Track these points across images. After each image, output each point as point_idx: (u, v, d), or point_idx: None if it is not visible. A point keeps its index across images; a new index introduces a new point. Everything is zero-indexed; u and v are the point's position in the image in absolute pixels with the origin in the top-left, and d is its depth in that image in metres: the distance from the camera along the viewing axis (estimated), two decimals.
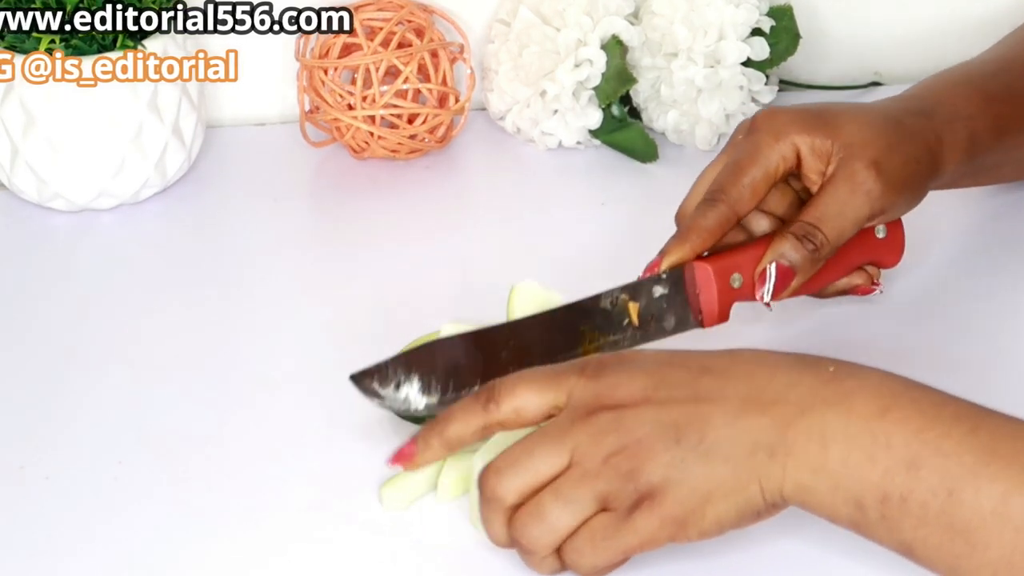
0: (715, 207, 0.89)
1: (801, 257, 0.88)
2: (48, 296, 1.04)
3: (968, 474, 0.70)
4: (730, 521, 0.75)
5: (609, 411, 0.76)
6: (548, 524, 0.76)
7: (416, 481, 0.85)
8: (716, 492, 0.74)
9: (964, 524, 0.70)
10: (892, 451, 0.71)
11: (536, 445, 0.76)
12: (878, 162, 0.89)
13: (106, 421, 0.92)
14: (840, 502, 0.72)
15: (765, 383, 0.75)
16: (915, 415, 0.72)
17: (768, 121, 0.90)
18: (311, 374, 0.96)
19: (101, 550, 0.83)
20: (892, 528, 0.72)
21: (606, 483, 0.75)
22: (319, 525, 0.84)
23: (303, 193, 1.17)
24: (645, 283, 0.89)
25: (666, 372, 0.77)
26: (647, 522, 0.74)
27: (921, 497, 0.71)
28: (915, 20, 1.25)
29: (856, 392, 0.73)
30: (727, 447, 0.74)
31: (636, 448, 0.74)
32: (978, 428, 0.71)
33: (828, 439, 0.72)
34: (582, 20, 1.13)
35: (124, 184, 1.10)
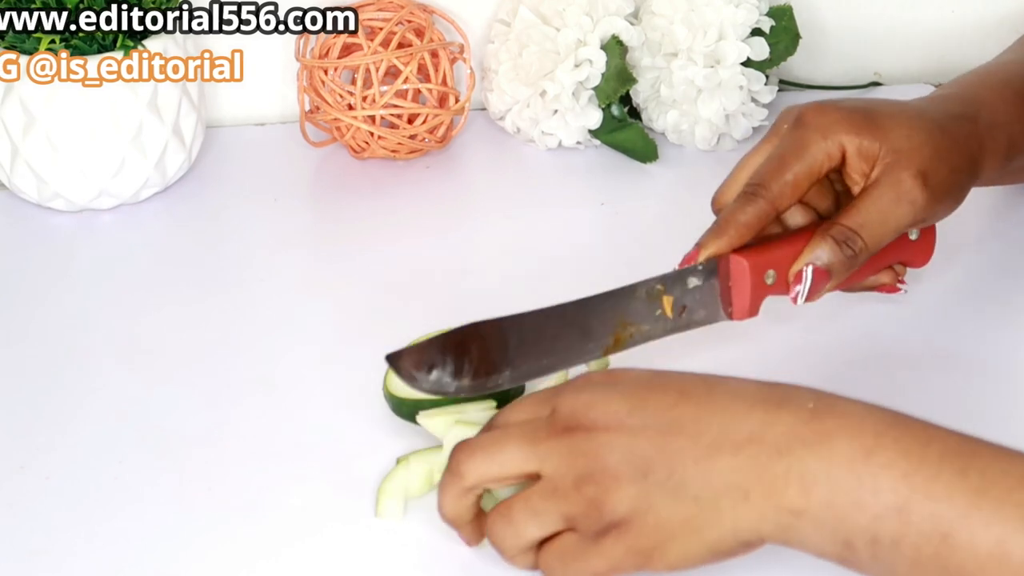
0: (755, 202, 0.87)
1: (838, 261, 0.87)
2: (48, 296, 1.04)
3: (961, 518, 0.68)
4: (698, 557, 0.73)
5: (584, 432, 0.75)
6: (515, 530, 0.76)
7: (410, 485, 0.85)
8: (682, 529, 0.73)
9: (959, 567, 0.68)
10: (879, 496, 0.69)
11: (510, 442, 0.77)
12: (924, 172, 0.87)
13: (106, 421, 0.92)
14: (827, 543, 0.71)
15: (741, 419, 0.73)
16: (900, 458, 0.70)
17: (817, 117, 0.89)
18: (311, 374, 0.96)
19: (101, 550, 0.83)
20: (885, 568, 0.70)
21: (574, 506, 0.75)
22: (319, 525, 0.84)
23: (303, 193, 1.17)
24: (681, 274, 0.87)
25: (644, 396, 0.75)
26: (613, 550, 0.74)
27: (914, 541, 0.69)
28: (915, 20, 1.25)
29: (836, 433, 0.71)
30: (696, 486, 0.72)
31: (603, 476, 0.74)
32: (967, 468, 0.69)
33: (809, 483, 0.70)
34: (582, 20, 1.14)
35: (124, 184, 1.10)
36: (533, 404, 0.80)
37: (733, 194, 0.90)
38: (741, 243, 0.88)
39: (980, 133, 0.92)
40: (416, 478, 0.85)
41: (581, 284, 1.03)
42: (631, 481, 0.73)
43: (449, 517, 0.80)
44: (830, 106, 0.89)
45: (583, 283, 1.03)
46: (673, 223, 1.10)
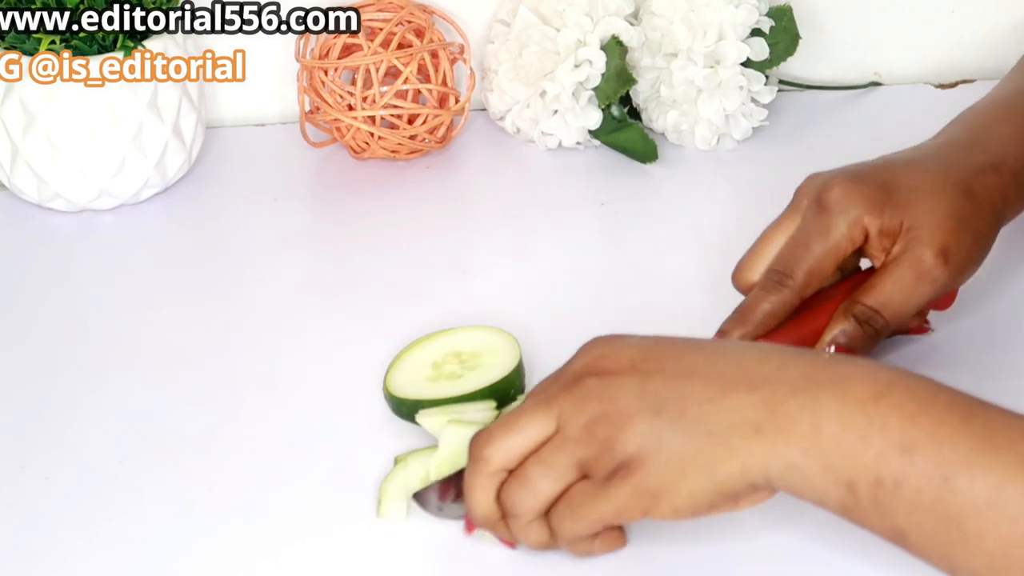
0: (780, 291, 0.88)
1: (860, 339, 0.88)
2: (48, 296, 1.04)
3: (963, 462, 0.69)
4: (705, 499, 0.73)
5: (595, 377, 0.76)
6: (531, 489, 0.76)
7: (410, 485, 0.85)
8: (692, 466, 0.73)
9: (958, 512, 0.69)
10: (886, 434, 0.70)
11: (525, 411, 0.77)
12: (946, 248, 0.87)
13: (106, 421, 0.92)
14: (831, 484, 0.71)
15: (756, 364, 0.74)
16: (910, 401, 0.71)
17: (840, 200, 0.88)
18: (311, 374, 0.96)
19: (101, 550, 0.83)
20: (885, 513, 0.71)
21: (586, 449, 0.75)
22: (319, 525, 0.84)
23: (303, 193, 1.17)
24: None
25: (656, 347, 0.77)
26: (620, 491, 0.74)
27: (915, 482, 0.70)
28: (915, 20, 1.25)
29: (850, 377, 0.72)
30: (709, 422, 0.73)
31: (616, 416, 0.74)
32: (973, 417, 0.71)
33: (821, 419, 0.71)
34: (582, 20, 1.14)
35: (124, 184, 1.10)
36: (547, 378, 0.80)
37: (755, 271, 0.90)
38: (764, 333, 0.88)
39: (1004, 184, 0.91)
40: (415, 477, 0.85)
41: (581, 284, 1.04)
42: (643, 419, 0.74)
43: (482, 514, 0.79)
44: (850, 184, 0.89)
45: (583, 283, 1.04)
46: (673, 223, 1.10)
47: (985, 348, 0.97)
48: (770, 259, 0.90)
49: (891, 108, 1.22)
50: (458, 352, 0.93)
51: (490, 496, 0.78)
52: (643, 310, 1.00)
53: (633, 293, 1.02)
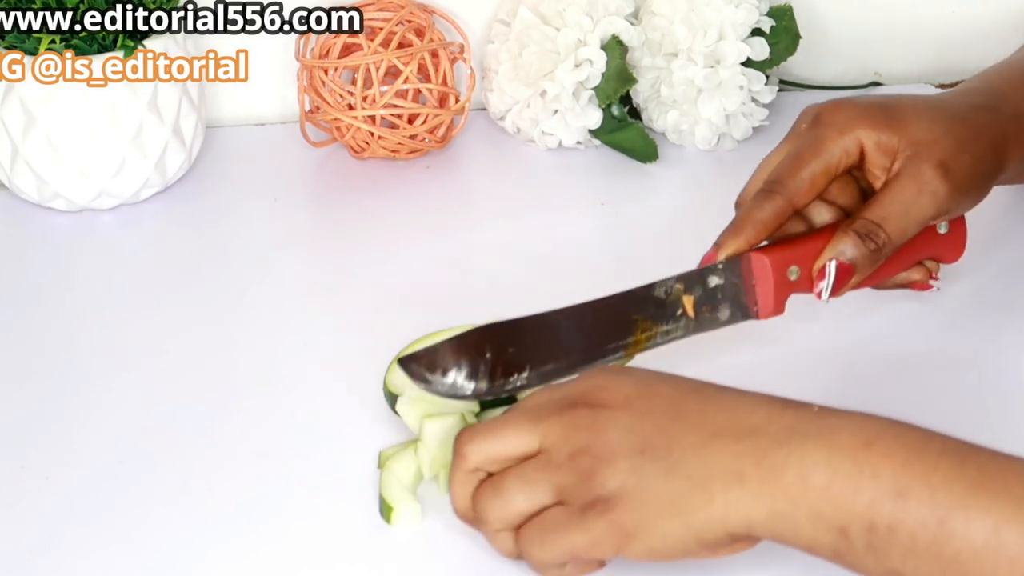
0: (771, 199, 0.88)
1: (862, 255, 0.87)
2: (48, 296, 1.04)
3: (958, 505, 0.69)
4: (681, 544, 0.73)
5: (588, 408, 0.76)
6: (504, 500, 0.76)
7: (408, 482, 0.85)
8: (669, 508, 0.72)
9: (955, 556, 0.69)
10: (878, 481, 0.70)
11: (513, 421, 0.77)
12: (945, 163, 0.87)
13: (106, 421, 0.92)
14: (822, 531, 0.71)
15: (746, 413, 0.74)
16: (900, 449, 0.70)
17: (833, 114, 0.89)
18: (311, 374, 0.96)
19: (101, 550, 0.83)
20: (880, 557, 0.70)
21: (566, 477, 0.75)
22: (319, 525, 0.84)
23: (303, 193, 1.17)
24: (700, 273, 0.87)
25: (655, 385, 0.77)
26: (595, 525, 0.74)
27: (910, 527, 0.69)
28: (915, 20, 1.25)
29: (838, 427, 0.72)
30: (691, 467, 0.72)
31: (600, 449, 0.74)
32: (965, 462, 0.70)
33: (808, 468, 0.71)
34: (582, 20, 1.14)
35: (124, 184, 1.10)
36: (546, 391, 0.80)
37: (753, 193, 0.90)
38: (759, 241, 0.88)
39: (1003, 123, 0.91)
40: (408, 474, 0.85)
41: (581, 284, 1.03)
42: (626, 456, 0.74)
43: (460, 508, 0.79)
44: (847, 103, 0.90)
45: (584, 283, 1.03)
46: (673, 223, 1.10)
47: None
48: None
49: None
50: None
51: (467, 492, 0.78)
52: None
53: None
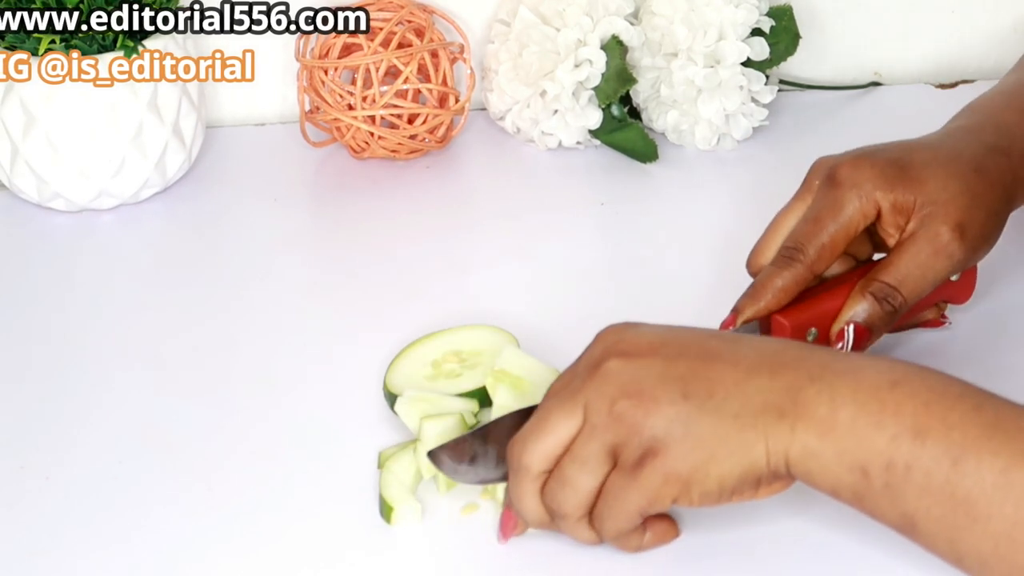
0: (792, 267, 0.88)
1: (879, 318, 0.88)
2: (48, 296, 1.04)
3: (972, 445, 0.71)
4: (732, 483, 0.74)
5: (617, 359, 0.76)
6: (571, 487, 0.76)
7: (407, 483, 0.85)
8: (721, 450, 0.74)
9: (966, 495, 0.70)
10: (899, 418, 0.72)
11: (551, 409, 0.77)
12: (962, 224, 0.87)
13: (106, 421, 0.92)
14: (845, 469, 0.73)
15: (775, 352, 0.76)
16: (923, 390, 0.73)
17: (850, 174, 0.88)
18: (311, 373, 0.96)
19: (101, 550, 0.83)
20: (895, 497, 0.72)
21: (615, 435, 0.75)
22: (318, 524, 0.84)
23: (303, 193, 1.17)
24: None
25: (674, 332, 0.77)
26: (651, 479, 0.74)
27: (926, 465, 0.71)
28: (915, 20, 1.25)
29: (866, 366, 0.74)
30: (736, 404, 0.74)
31: (640, 398, 0.75)
32: (982, 406, 0.72)
33: (837, 403, 0.73)
34: (582, 20, 1.13)
35: (124, 184, 1.10)
36: (566, 370, 0.80)
37: (768, 255, 0.90)
38: (777, 308, 0.88)
39: (1015, 166, 0.91)
40: (408, 475, 0.85)
41: (581, 284, 1.04)
42: (670, 402, 0.74)
43: (535, 520, 0.79)
44: (863, 160, 0.89)
45: (583, 283, 1.04)
46: (673, 223, 1.10)
47: (998, 348, 0.97)
48: (781, 241, 0.90)
49: (891, 108, 1.22)
50: (458, 351, 0.93)
51: (537, 500, 0.78)
52: (643, 310, 0.99)
53: (633, 293, 1.02)
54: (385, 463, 0.86)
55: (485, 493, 0.84)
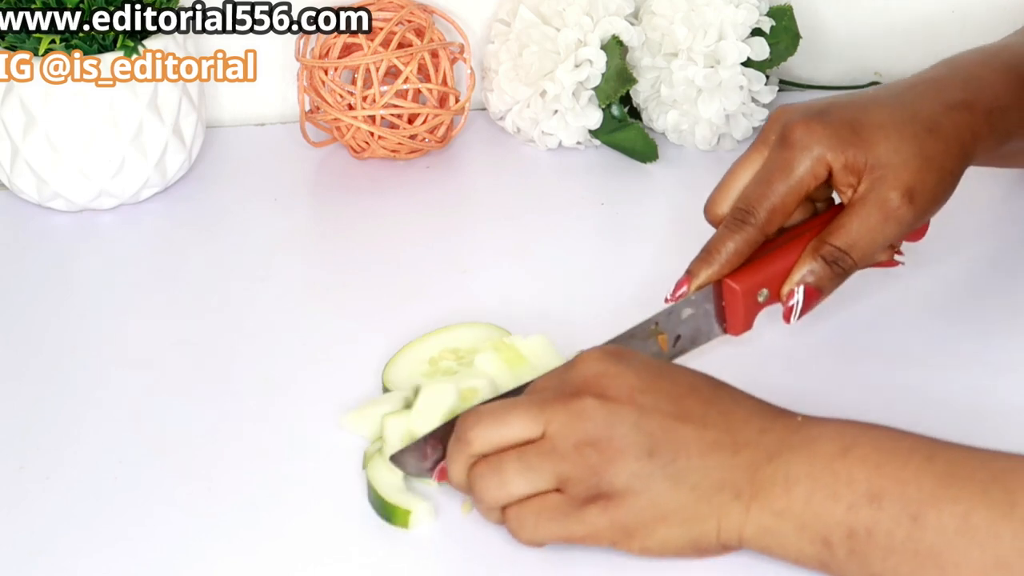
0: (743, 229, 0.88)
1: (828, 279, 0.88)
2: (48, 296, 1.04)
3: (929, 498, 0.72)
4: (676, 548, 0.76)
5: (594, 399, 0.77)
6: (503, 483, 0.77)
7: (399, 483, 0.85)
8: (673, 516, 0.75)
9: (930, 547, 0.71)
10: (854, 487, 0.73)
11: (517, 408, 0.78)
12: (912, 189, 0.88)
13: (106, 421, 0.92)
14: (806, 543, 0.74)
15: (741, 424, 0.77)
16: (874, 452, 0.74)
17: (802, 135, 0.89)
18: (311, 373, 0.96)
19: (101, 550, 0.83)
20: (861, 562, 0.73)
21: (571, 467, 0.76)
22: (318, 525, 0.84)
23: (303, 193, 1.17)
24: (674, 309, 0.89)
25: (657, 380, 0.78)
26: (597, 519, 0.76)
27: (886, 527, 0.72)
28: (915, 20, 1.25)
29: (819, 437, 0.75)
30: (696, 476, 0.75)
31: (608, 445, 0.75)
32: (935, 456, 0.73)
33: (792, 481, 0.74)
34: (582, 20, 1.13)
35: (124, 184, 1.10)
36: (548, 377, 0.81)
37: (724, 205, 0.91)
38: (730, 271, 0.89)
39: (976, 121, 0.91)
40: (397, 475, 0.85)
41: (581, 284, 1.04)
42: (636, 458, 0.75)
43: (460, 485, 0.80)
44: (816, 121, 0.89)
45: (583, 283, 1.04)
46: (673, 223, 1.10)
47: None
48: (737, 193, 0.90)
49: None
50: (455, 348, 0.93)
51: (464, 469, 0.79)
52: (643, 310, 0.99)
53: (633, 293, 1.02)
54: (368, 465, 0.86)
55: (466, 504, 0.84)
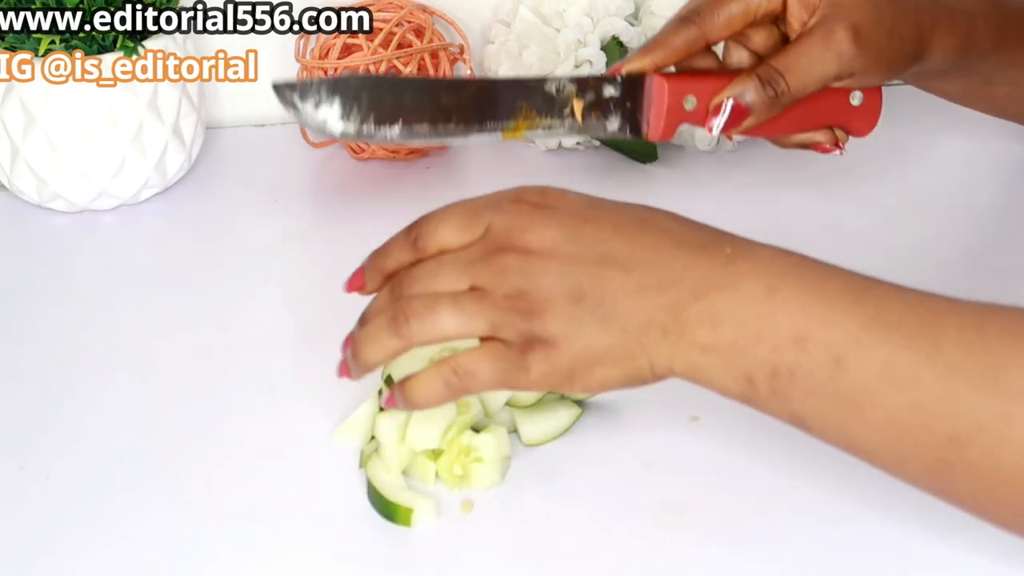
0: (686, 27, 0.89)
1: (760, 100, 0.89)
2: (48, 296, 1.04)
3: (853, 342, 0.72)
4: (615, 384, 0.77)
5: (518, 254, 0.77)
6: (435, 320, 0.77)
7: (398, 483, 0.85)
8: (606, 357, 0.76)
9: (850, 390, 0.72)
10: (778, 329, 0.73)
11: (442, 267, 0.78)
12: (858, 28, 0.89)
13: (106, 421, 0.92)
14: (731, 379, 0.74)
15: (667, 260, 0.76)
16: (801, 292, 0.74)
17: None
18: (311, 373, 0.96)
19: (100, 550, 0.83)
20: (782, 401, 0.74)
21: (503, 316, 0.77)
22: (319, 525, 0.84)
23: (303, 193, 1.17)
24: (596, 80, 0.89)
25: (579, 227, 0.78)
26: (540, 367, 0.76)
27: (808, 369, 0.72)
28: None
29: (746, 275, 0.75)
30: (623, 319, 0.76)
31: (536, 297, 0.76)
32: (863, 299, 0.73)
33: (718, 321, 0.74)
34: (582, 21, 1.14)
35: (124, 184, 1.10)
36: (463, 219, 0.80)
37: None
38: (665, 64, 0.89)
39: (936, 12, 0.92)
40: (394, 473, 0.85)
41: None
42: (565, 305, 0.76)
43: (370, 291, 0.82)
44: None
45: None
46: None
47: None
48: None
49: (891, 108, 1.22)
50: (454, 347, 0.93)
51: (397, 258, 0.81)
52: None
53: None
54: (367, 465, 0.86)
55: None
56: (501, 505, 0.85)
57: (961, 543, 0.81)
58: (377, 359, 0.79)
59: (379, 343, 0.79)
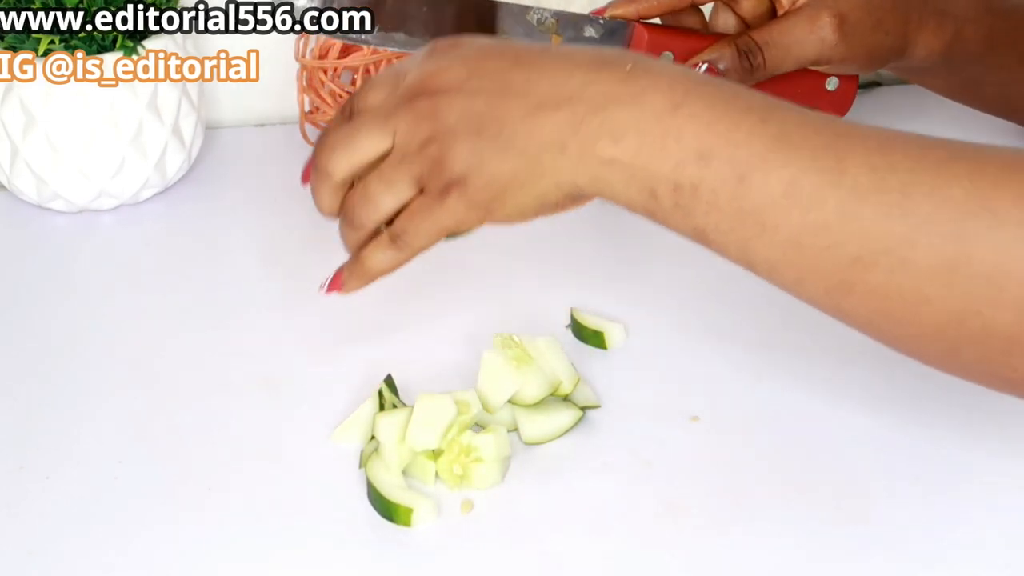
0: None
1: (734, 69, 0.90)
2: (48, 296, 1.04)
3: (758, 160, 0.71)
4: (531, 209, 0.78)
5: (426, 97, 0.78)
6: (373, 203, 0.80)
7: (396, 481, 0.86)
8: (512, 183, 0.77)
9: (753, 207, 0.71)
10: (682, 143, 0.73)
11: (363, 125, 0.80)
12: (845, 16, 0.90)
13: (106, 421, 0.92)
14: (634, 192, 0.74)
15: (565, 79, 0.76)
16: (705, 110, 0.73)
17: None
18: (311, 373, 0.96)
19: (100, 550, 0.83)
20: (685, 215, 0.73)
21: (419, 167, 0.78)
22: (318, 526, 0.84)
23: (303, 193, 1.16)
24: (579, 18, 0.90)
25: (482, 62, 0.78)
26: (456, 205, 0.77)
27: (711, 185, 0.72)
28: None
29: (648, 90, 0.74)
30: (522, 142, 0.76)
31: (443, 135, 0.77)
32: (768, 119, 0.72)
33: (619, 134, 0.74)
34: None
35: (124, 184, 1.10)
36: (384, 82, 0.82)
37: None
38: (650, 14, 0.91)
39: (925, 11, 0.93)
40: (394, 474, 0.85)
41: (581, 284, 1.04)
42: (467, 139, 0.77)
43: (330, 213, 0.83)
44: None
45: (583, 283, 1.04)
46: None
47: None
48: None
49: (891, 108, 1.22)
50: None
51: (334, 201, 0.82)
52: (643, 310, 1.00)
53: (633, 293, 1.02)
54: (367, 465, 0.86)
55: None
56: (501, 505, 0.85)
57: (961, 543, 0.81)
58: (353, 250, 0.84)
59: (345, 239, 0.83)
